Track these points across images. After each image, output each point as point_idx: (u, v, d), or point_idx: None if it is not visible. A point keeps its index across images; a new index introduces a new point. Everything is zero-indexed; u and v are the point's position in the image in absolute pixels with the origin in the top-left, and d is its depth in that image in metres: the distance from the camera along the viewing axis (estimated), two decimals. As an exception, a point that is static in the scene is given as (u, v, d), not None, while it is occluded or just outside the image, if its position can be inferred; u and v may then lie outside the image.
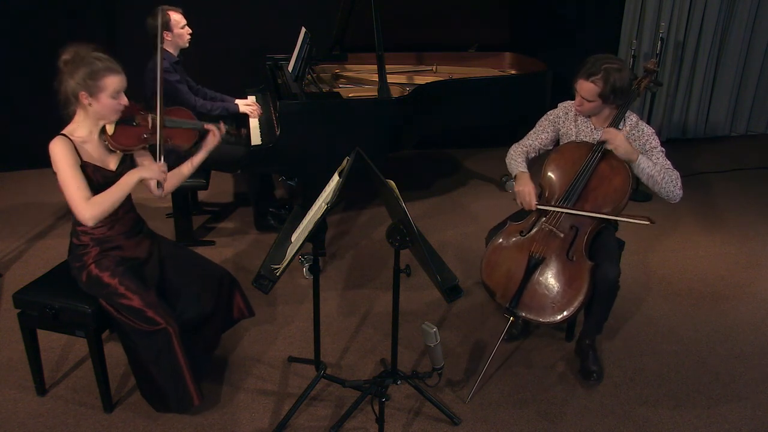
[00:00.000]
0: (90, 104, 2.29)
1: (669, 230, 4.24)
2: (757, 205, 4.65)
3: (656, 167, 2.63)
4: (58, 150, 2.26)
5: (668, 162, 2.66)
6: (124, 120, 2.40)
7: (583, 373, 2.78)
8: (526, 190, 2.74)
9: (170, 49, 3.62)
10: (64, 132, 2.32)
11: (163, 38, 3.57)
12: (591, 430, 2.52)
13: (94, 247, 2.41)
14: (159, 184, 2.45)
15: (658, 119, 6.00)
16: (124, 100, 2.35)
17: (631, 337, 3.10)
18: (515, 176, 2.84)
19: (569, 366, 2.87)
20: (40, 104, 4.67)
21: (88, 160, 2.33)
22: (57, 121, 2.37)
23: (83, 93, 2.27)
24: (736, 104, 6.20)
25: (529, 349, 2.99)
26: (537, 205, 2.71)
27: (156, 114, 2.42)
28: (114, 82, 2.29)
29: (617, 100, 2.68)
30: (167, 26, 3.54)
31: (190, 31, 3.68)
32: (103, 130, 2.38)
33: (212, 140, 2.60)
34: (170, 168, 2.52)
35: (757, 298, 3.46)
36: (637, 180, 2.74)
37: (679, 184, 2.63)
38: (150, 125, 2.44)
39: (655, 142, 2.70)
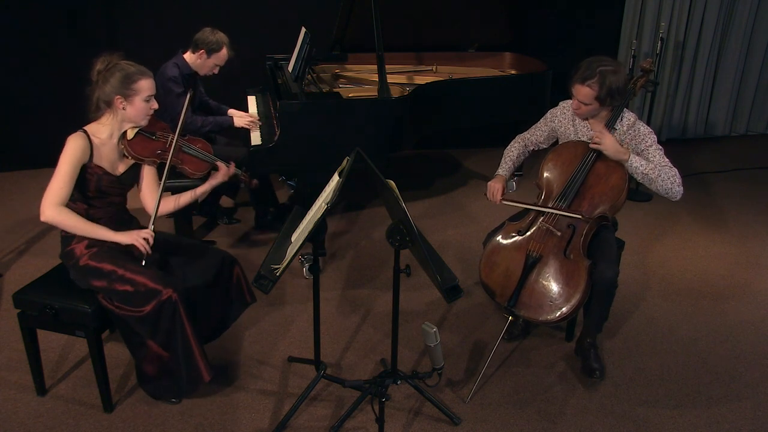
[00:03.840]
0: (124, 108, 2.38)
1: (669, 230, 4.24)
2: (757, 205, 4.65)
3: (650, 165, 2.63)
4: (71, 146, 2.32)
5: (666, 160, 2.65)
6: (146, 131, 2.50)
7: (585, 371, 2.78)
8: (495, 186, 2.86)
9: (191, 63, 3.65)
10: (86, 129, 2.38)
11: (201, 57, 3.62)
12: (591, 429, 2.52)
13: (82, 240, 2.42)
14: (141, 255, 2.43)
15: (658, 119, 6.01)
16: (155, 105, 2.45)
17: (631, 336, 3.10)
18: (495, 175, 2.94)
19: (569, 366, 2.87)
20: (40, 105, 4.71)
21: (97, 162, 2.38)
22: (57, 121, 2.39)
23: (118, 97, 2.35)
24: (736, 104, 6.20)
25: (529, 348, 2.99)
26: (501, 200, 2.82)
27: (176, 135, 2.52)
28: (146, 85, 2.39)
29: (614, 101, 2.68)
30: (212, 52, 3.61)
31: (217, 71, 3.74)
32: (123, 135, 2.45)
33: (219, 176, 2.71)
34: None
35: (757, 298, 3.46)
36: (644, 184, 2.74)
37: (678, 180, 2.62)
38: (168, 144, 2.53)
39: (652, 140, 2.69)
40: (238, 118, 3.80)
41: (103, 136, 2.41)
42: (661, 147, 2.69)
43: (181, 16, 4.68)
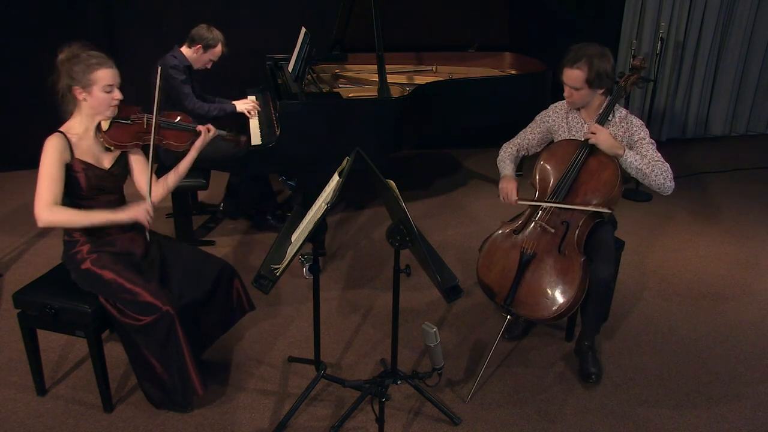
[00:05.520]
0: (84, 99, 2.35)
1: (668, 230, 4.24)
2: (757, 205, 4.65)
3: (644, 160, 2.64)
4: (49, 147, 2.31)
5: (658, 154, 2.66)
6: (120, 118, 2.47)
7: (581, 374, 2.78)
8: (508, 186, 2.83)
9: (187, 56, 3.70)
10: (61, 129, 2.37)
11: (197, 52, 3.68)
12: (591, 430, 2.52)
13: (85, 244, 2.42)
14: (143, 228, 2.49)
15: (658, 119, 6.01)
16: (118, 95, 2.40)
17: (630, 337, 3.10)
18: (501, 177, 2.91)
19: (569, 366, 2.87)
20: (40, 105, 4.69)
21: (80, 157, 2.36)
22: (57, 121, 2.39)
23: (77, 87, 2.33)
24: (736, 104, 6.20)
25: (529, 348, 2.99)
26: (517, 200, 2.78)
27: (152, 115, 2.48)
28: (105, 75, 2.34)
29: (604, 85, 2.70)
30: (208, 47, 3.66)
31: (210, 66, 3.78)
32: (98, 128, 2.43)
33: (200, 142, 2.63)
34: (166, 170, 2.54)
35: (757, 298, 3.46)
36: (637, 179, 2.74)
37: (670, 176, 2.63)
38: (145, 125, 2.51)
39: (644, 133, 2.70)
40: (240, 103, 3.89)
41: (79, 131, 2.39)
42: (653, 141, 2.70)
43: (181, 16, 4.68)
